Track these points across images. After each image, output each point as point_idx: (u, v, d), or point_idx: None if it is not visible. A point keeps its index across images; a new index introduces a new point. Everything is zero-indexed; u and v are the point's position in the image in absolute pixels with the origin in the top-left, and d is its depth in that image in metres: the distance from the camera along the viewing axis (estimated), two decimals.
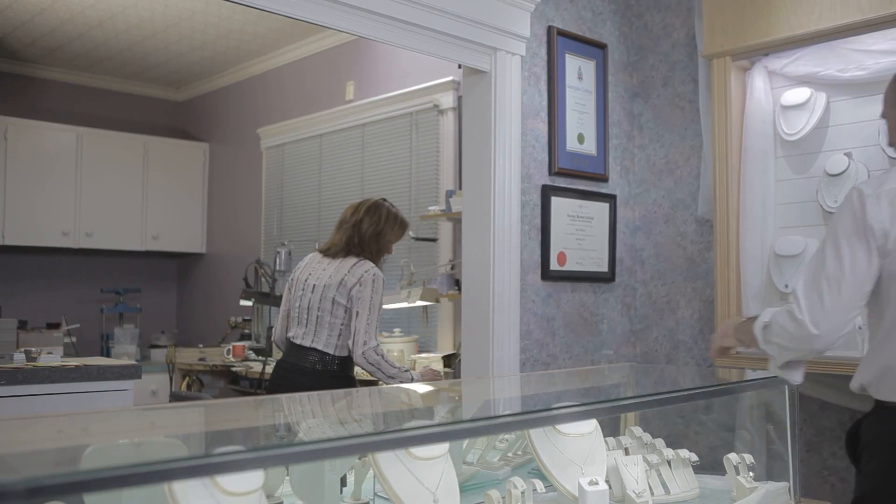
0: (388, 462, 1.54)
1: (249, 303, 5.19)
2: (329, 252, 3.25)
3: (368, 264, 3.17)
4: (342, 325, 3.13)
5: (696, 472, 2.14)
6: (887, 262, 1.87)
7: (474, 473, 2.03)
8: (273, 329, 3.52)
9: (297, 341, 3.18)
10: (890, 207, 1.88)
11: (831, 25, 3.08)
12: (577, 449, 1.92)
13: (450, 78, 4.45)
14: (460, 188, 3.71)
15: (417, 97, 4.68)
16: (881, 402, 1.95)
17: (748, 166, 3.39)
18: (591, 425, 2.00)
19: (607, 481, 1.91)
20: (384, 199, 3.36)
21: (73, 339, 5.48)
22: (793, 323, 1.90)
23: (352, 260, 3.17)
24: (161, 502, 1.20)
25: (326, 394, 2.10)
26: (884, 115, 2.12)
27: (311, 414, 1.63)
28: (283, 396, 1.92)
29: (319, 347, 3.12)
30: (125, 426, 1.54)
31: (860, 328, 3.08)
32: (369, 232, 3.22)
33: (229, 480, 1.26)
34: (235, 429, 1.47)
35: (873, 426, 1.95)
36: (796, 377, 2.01)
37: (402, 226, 3.34)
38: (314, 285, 3.18)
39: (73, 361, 3.63)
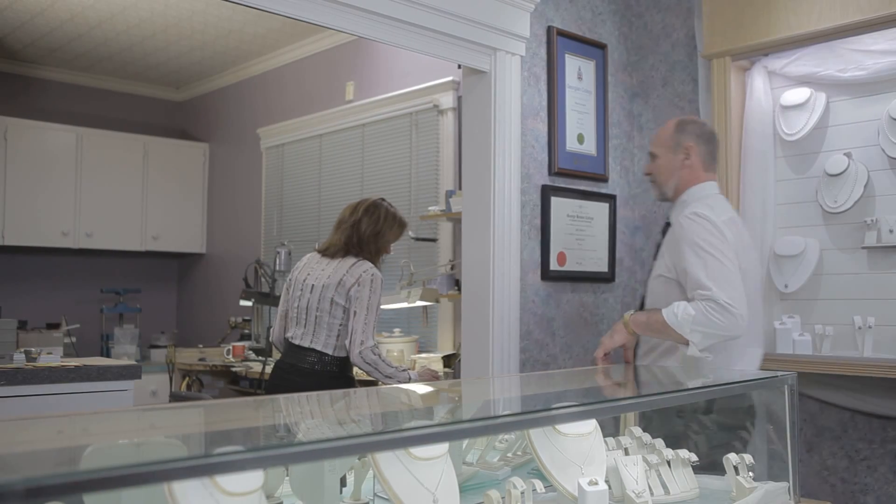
0: (388, 462, 1.54)
1: (249, 303, 5.20)
2: (327, 252, 3.24)
3: (367, 264, 3.16)
4: (340, 325, 3.13)
5: (695, 472, 2.14)
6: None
7: (474, 473, 2.03)
8: (271, 330, 3.51)
9: (296, 342, 3.18)
10: (732, 234, 2.40)
11: (831, 25, 3.08)
12: (577, 449, 1.92)
13: (450, 78, 4.45)
14: (460, 188, 3.71)
15: (417, 97, 4.68)
16: None
17: (748, 166, 3.39)
18: (591, 425, 2.00)
19: (607, 481, 1.91)
20: (383, 199, 3.36)
21: (73, 340, 5.48)
22: (727, 317, 2.27)
23: (350, 260, 3.17)
24: (161, 502, 1.20)
25: (326, 394, 2.10)
26: (653, 159, 2.62)
27: (310, 414, 1.63)
28: (283, 397, 1.91)
29: (318, 348, 3.12)
30: (125, 426, 1.54)
31: (860, 328, 3.08)
32: (368, 232, 3.22)
33: (229, 480, 1.26)
34: (235, 429, 1.47)
35: None
36: (709, 356, 2.38)
37: (400, 225, 3.34)
38: (312, 285, 3.18)
39: (73, 361, 3.63)
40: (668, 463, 2.10)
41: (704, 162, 2.58)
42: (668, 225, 2.60)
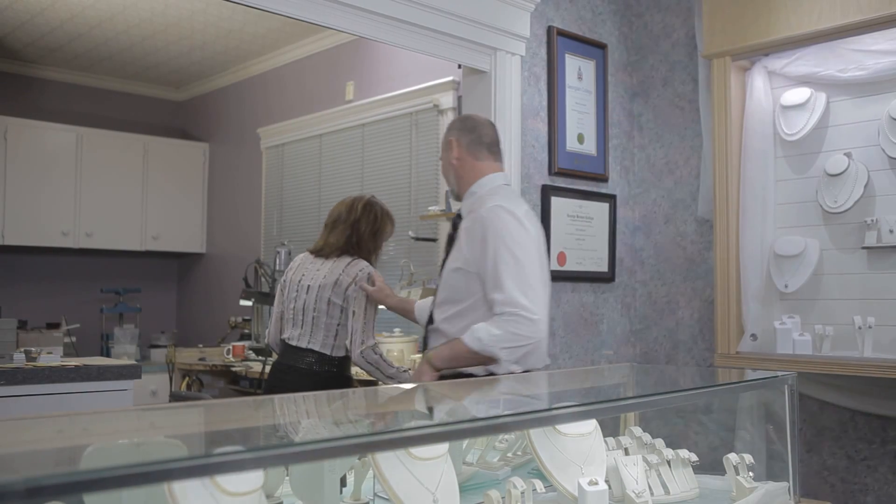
0: (388, 462, 1.54)
1: (249, 303, 5.20)
2: (322, 252, 3.22)
3: (363, 263, 3.16)
4: (338, 325, 3.12)
5: (695, 472, 2.14)
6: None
7: (474, 473, 2.03)
8: (266, 331, 3.51)
9: (293, 343, 3.17)
10: (532, 228, 2.44)
11: (831, 25, 3.08)
12: (577, 449, 1.92)
13: (450, 78, 4.45)
14: None
15: (417, 97, 4.68)
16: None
17: (748, 166, 3.39)
18: (591, 425, 2.00)
19: (607, 481, 1.91)
20: (373, 196, 3.36)
21: (73, 339, 5.48)
22: (529, 326, 2.29)
23: (346, 259, 3.16)
24: (161, 502, 1.20)
25: (325, 394, 2.10)
26: (442, 160, 2.62)
27: (310, 414, 1.63)
28: (283, 397, 1.91)
29: (316, 348, 3.11)
30: (125, 426, 1.54)
31: (860, 328, 3.08)
32: (367, 231, 3.21)
33: (229, 480, 1.26)
34: (235, 429, 1.47)
35: None
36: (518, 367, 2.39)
37: (392, 223, 3.35)
38: (308, 286, 3.16)
39: (73, 361, 3.63)
40: (668, 463, 2.10)
41: (472, 152, 2.55)
42: (459, 217, 2.57)
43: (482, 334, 2.31)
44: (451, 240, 2.58)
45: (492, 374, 2.40)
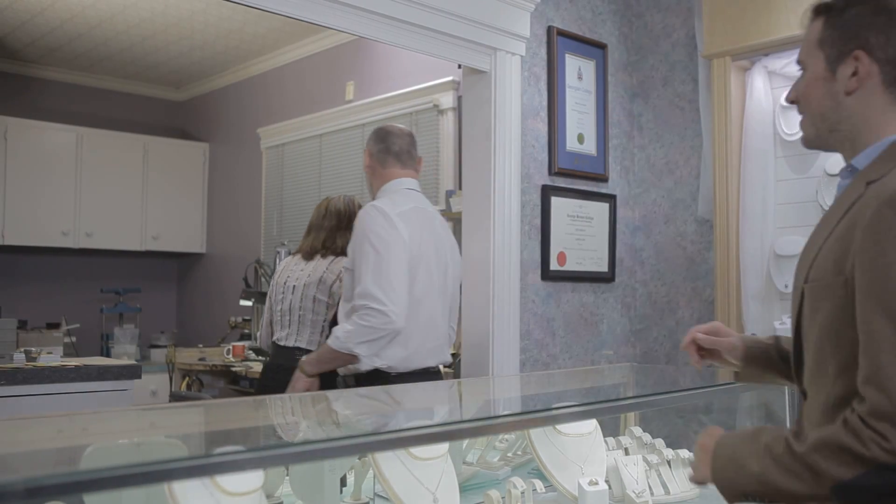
0: (388, 462, 1.54)
1: (249, 303, 5.19)
2: (305, 254, 3.30)
3: (346, 259, 3.19)
4: (324, 321, 3.16)
5: None
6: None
7: (474, 473, 2.03)
8: (258, 335, 3.54)
9: (282, 343, 3.20)
10: (406, 226, 2.52)
11: None
12: (577, 449, 1.92)
13: (450, 78, 4.45)
14: (460, 188, 3.71)
15: (417, 97, 4.68)
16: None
17: (748, 166, 3.39)
18: (591, 425, 2.00)
19: (607, 481, 1.91)
20: (341, 196, 3.48)
21: (73, 339, 5.48)
22: (379, 317, 2.34)
23: (329, 258, 3.25)
24: (161, 502, 1.20)
25: (325, 394, 2.10)
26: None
27: (310, 414, 1.63)
28: (283, 397, 1.91)
29: (303, 345, 3.15)
30: (125, 426, 1.54)
31: None
32: (342, 227, 3.31)
33: (229, 480, 1.26)
34: (235, 429, 1.47)
35: None
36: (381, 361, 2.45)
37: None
38: (294, 286, 3.22)
39: (73, 361, 3.64)
40: (669, 463, 2.10)
41: (380, 161, 2.74)
42: None
43: (339, 332, 2.39)
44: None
45: (357, 373, 2.46)
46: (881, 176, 1.20)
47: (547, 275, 3.49)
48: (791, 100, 1.38)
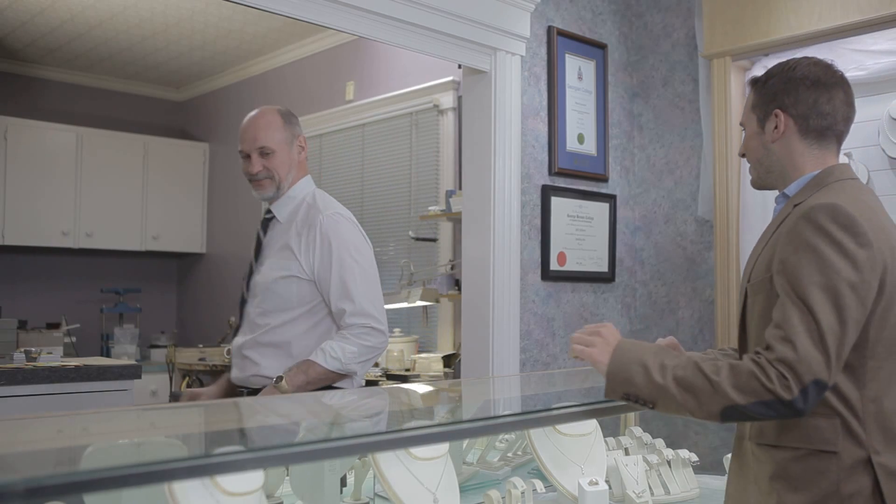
0: (388, 462, 1.54)
1: None
2: None
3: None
4: None
5: (696, 472, 2.14)
6: None
7: (474, 473, 2.03)
8: None
9: None
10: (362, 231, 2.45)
11: (831, 25, 3.08)
12: (577, 449, 1.92)
13: (450, 78, 4.45)
14: (460, 188, 3.71)
15: (417, 97, 4.68)
16: None
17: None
18: (591, 425, 2.00)
19: (607, 481, 1.91)
20: None
21: (73, 339, 5.48)
22: (380, 337, 2.30)
23: None
24: (161, 502, 1.20)
25: (325, 394, 2.10)
26: (267, 155, 2.71)
27: (310, 414, 1.63)
28: (282, 397, 1.92)
29: None
30: (125, 426, 1.54)
31: None
32: None
33: (229, 480, 1.26)
34: (235, 429, 1.47)
35: None
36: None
37: None
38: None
39: (73, 361, 3.64)
40: (669, 463, 2.10)
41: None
42: (270, 219, 2.55)
43: (339, 353, 2.25)
44: (260, 244, 2.59)
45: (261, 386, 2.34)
46: (804, 200, 1.56)
47: (547, 275, 3.49)
48: (741, 154, 1.78)
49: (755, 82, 1.75)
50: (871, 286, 1.45)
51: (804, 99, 1.65)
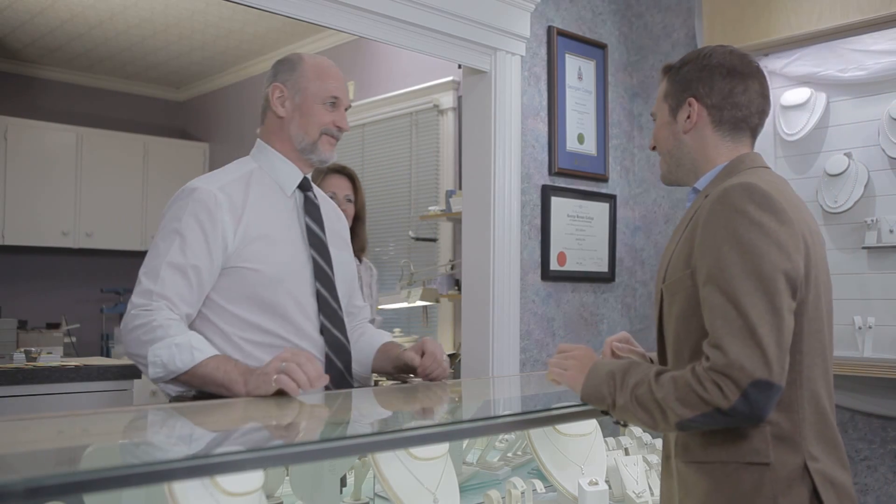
0: (388, 462, 1.54)
1: None
2: None
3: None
4: None
5: None
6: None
7: (474, 473, 2.03)
8: None
9: None
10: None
11: (831, 25, 3.08)
12: (577, 449, 1.92)
13: (450, 78, 4.45)
14: (460, 188, 3.71)
15: (417, 97, 4.68)
16: None
17: None
18: (591, 425, 2.00)
19: (607, 481, 1.91)
20: None
21: (73, 339, 5.48)
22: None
23: None
24: (161, 502, 1.20)
25: (324, 394, 2.09)
26: None
27: (310, 414, 1.63)
28: (282, 397, 1.91)
29: None
30: (125, 426, 1.54)
31: (860, 328, 3.08)
32: None
33: (229, 480, 1.26)
34: (235, 429, 1.47)
35: None
36: None
37: None
38: None
39: (73, 361, 3.64)
40: None
41: None
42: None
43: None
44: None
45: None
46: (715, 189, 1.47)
47: (547, 275, 3.49)
48: (652, 146, 1.68)
49: (668, 69, 1.64)
50: (798, 267, 1.35)
51: (719, 88, 1.54)
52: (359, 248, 2.92)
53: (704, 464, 1.41)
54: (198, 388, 1.74)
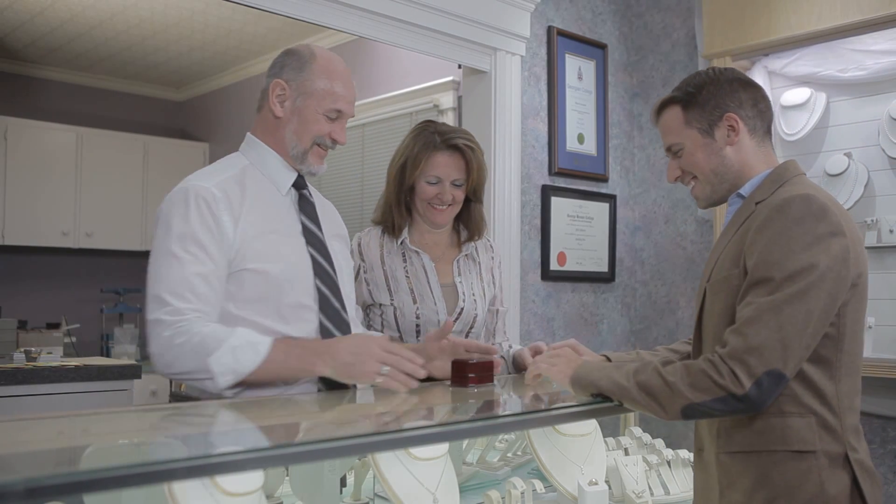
0: (388, 462, 1.54)
1: None
2: None
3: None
4: None
5: None
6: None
7: (474, 473, 2.03)
8: None
9: None
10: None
11: (831, 25, 3.08)
12: (577, 449, 1.92)
13: (450, 78, 4.45)
14: None
15: (417, 97, 4.68)
16: None
17: None
18: (591, 425, 2.00)
19: (607, 481, 1.91)
20: None
21: (73, 339, 5.48)
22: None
23: None
24: (161, 502, 1.20)
25: (324, 394, 2.09)
26: None
27: (310, 414, 1.63)
28: (282, 398, 1.91)
29: None
30: (125, 426, 1.54)
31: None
32: None
33: (229, 481, 1.26)
34: (235, 429, 1.47)
35: None
36: None
37: None
38: None
39: (73, 361, 3.64)
40: (669, 463, 2.10)
41: None
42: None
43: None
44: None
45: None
46: (767, 196, 1.55)
47: (547, 275, 3.49)
48: (676, 178, 1.74)
49: (674, 101, 1.79)
50: (843, 276, 1.42)
51: (746, 99, 1.66)
52: (474, 230, 2.45)
53: (751, 453, 1.47)
54: (270, 381, 1.69)
